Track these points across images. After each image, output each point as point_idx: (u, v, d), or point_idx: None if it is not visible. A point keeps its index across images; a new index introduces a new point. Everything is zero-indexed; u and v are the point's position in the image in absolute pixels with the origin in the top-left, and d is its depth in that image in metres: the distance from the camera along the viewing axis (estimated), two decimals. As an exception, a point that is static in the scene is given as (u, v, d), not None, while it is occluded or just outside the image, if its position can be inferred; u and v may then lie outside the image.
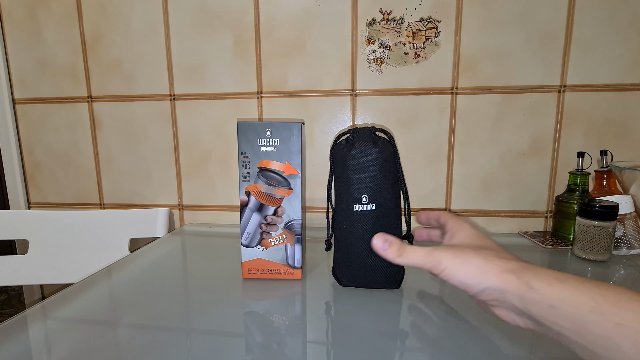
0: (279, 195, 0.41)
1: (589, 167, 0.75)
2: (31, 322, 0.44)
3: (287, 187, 0.41)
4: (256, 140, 0.40)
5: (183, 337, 0.40)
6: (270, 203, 0.41)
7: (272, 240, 0.43)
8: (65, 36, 0.88)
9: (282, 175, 0.40)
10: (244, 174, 0.40)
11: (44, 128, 0.93)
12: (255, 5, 0.81)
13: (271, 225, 0.43)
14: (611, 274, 0.57)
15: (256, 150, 0.40)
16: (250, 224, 0.42)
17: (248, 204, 0.41)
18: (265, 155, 0.40)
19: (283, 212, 0.42)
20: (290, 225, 0.43)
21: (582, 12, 0.73)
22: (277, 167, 0.40)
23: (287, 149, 0.40)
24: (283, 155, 0.40)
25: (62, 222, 0.85)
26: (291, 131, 0.40)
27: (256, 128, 0.40)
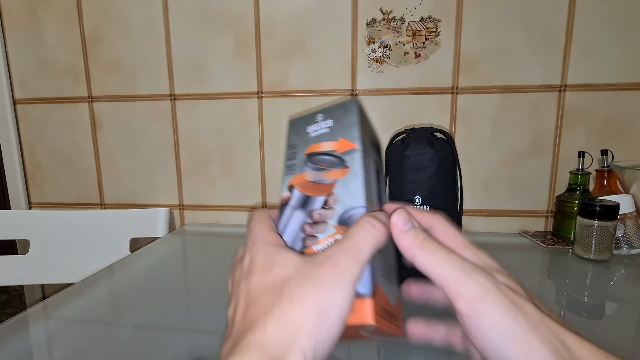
0: (330, 179, 0.29)
1: (589, 166, 0.74)
2: (32, 322, 0.45)
3: (341, 165, 0.29)
4: (305, 128, 0.33)
5: (183, 337, 0.40)
6: (316, 192, 0.29)
7: (317, 247, 0.26)
8: (65, 36, 0.88)
9: (334, 154, 0.30)
10: (289, 167, 0.31)
11: (45, 128, 0.93)
12: (255, 5, 0.81)
13: (317, 225, 0.27)
14: (612, 273, 0.57)
15: (305, 138, 0.32)
16: (290, 227, 0.29)
17: (289, 201, 0.29)
18: (315, 140, 0.32)
19: (335, 201, 0.28)
20: (347, 219, 0.27)
21: (582, 12, 0.73)
22: (329, 147, 0.31)
23: (341, 125, 0.31)
24: (336, 133, 0.31)
25: (62, 222, 0.85)
26: (346, 107, 0.32)
27: (308, 117, 0.34)
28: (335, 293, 0.20)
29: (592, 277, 0.56)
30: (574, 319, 0.44)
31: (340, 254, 0.21)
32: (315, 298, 0.19)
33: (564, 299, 0.50)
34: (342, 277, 0.20)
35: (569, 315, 0.45)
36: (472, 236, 0.76)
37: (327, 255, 0.22)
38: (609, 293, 0.51)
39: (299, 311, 0.19)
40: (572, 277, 0.56)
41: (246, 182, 0.88)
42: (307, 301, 0.19)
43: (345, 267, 0.21)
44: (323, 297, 0.19)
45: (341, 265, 0.21)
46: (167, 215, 0.86)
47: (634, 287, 0.53)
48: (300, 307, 0.19)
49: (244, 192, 0.89)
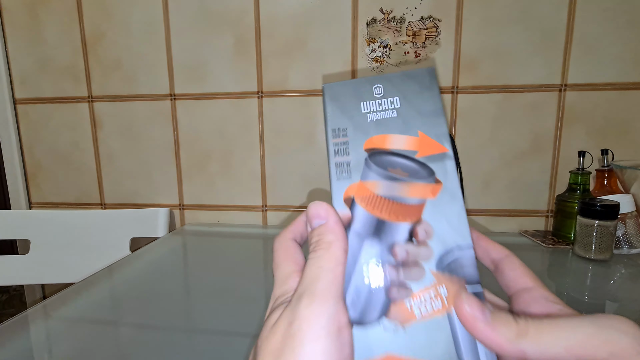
0: (415, 198, 0.20)
1: (589, 166, 0.74)
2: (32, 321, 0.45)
3: (429, 178, 0.20)
4: (358, 105, 0.22)
5: (184, 337, 0.40)
6: (396, 215, 0.20)
7: (414, 305, 0.18)
8: (65, 36, 0.88)
9: (414, 158, 0.20)
10: (340, 167, 0.21)
11: (45, 128, 0.93)
12: (255, 5, 0.81)
13: (407, 268, 0.19)
14: (612, 273, 0.57)
15: (359, 122, 0.21)
16: (362, 267, 0.20)
17: (352, 224, 0.20)
18: (378, 127, 0.21)
19: (428, 234, 0.19)
20: (450, 265, 0.19)
21: (583, 11, 0.72)
22: (403, 144, 0.21)
23: (417, 110, 0.21)
24: (410, 123, 0.21)
25: (63, 222, 0.85)
26: (421, 80, 0.22)
27: (358, 86, 0.22)
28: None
29: (592, 277, 0.56)
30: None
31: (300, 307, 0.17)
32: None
33: (564, 299, 0.50)
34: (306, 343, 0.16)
35: (569, 315, 0.45)
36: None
37: (289, 317, 0.17)
38: (609, 293, 0.51)
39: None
40: (572, 277, 0.56)
41: (246, 182, 0.88)
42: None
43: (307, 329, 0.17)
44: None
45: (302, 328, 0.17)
46: (167, 215, 0.86)
47: (634, 286, 0.53)
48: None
49: (244, 192, 0.89)
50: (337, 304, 0.17)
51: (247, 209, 0.89)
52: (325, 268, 0.18)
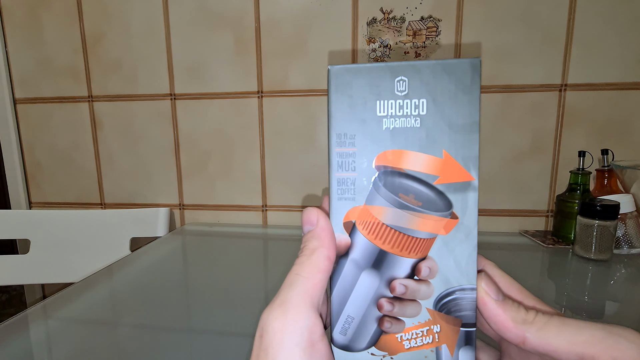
0: (425, 231, 0.18)
1: (590, 166, 0.74)
2: (32, 321, 0.45)
3: (445, 211, 0.18)
4: (373, 105, 0.18)
5: (184, 337, 0.40)
6: (400, 248, 0.18)
7: (405, 338, 0.18)
8: (65, 36, 0.88)
9: (432, 184, 0.18)
10: (342, 184, 0.18)
11: (45, 128, 0.93)
12: (255, 5, 0.81)
13: (403, 304, 0.18)
14: (612, 273, 0.57)
15: (372, 128, 0.18)
16: (356, 298, 0.18)
17: (350, 252, 0.18)
18: (394, 139, 0.18)
19: (432, 272, 0.18)
20: (449, 304, 0.18)
21: (583, 11, 0.72)
22: (422, 165, 0.18)
23: (447, 122, 0.17)
24: (436, 138, 0.17)
25: (63, 222, 0.85)
26: (460, 77, 0.17)
27: (376, 76, 0.17)
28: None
29: (592, 277, 0.56)
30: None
31: (270, 319, 0.17)
32: None
33: (564, 299, 0.50)
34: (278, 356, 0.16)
35: (569, 315, 0.45)
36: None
37: (260, 330, 0.17)
38: (609, 293, 0.51)
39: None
40: (572, 277, 0.56)
41: (246, 182, 0.88)
42: None
43: (279, 341, 0.16)
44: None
45: (273, 341, 0.16)
46: (167, 215, 0.86)
47: (634, 287, 0.53)
48: None
49: (244, 191, 0.89)
50: (311, 317, 0.17)
51: (247, 209, 0.89)
52: (302, 276, 0.17)
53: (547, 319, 0.16)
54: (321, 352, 0.17)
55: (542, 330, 0.16)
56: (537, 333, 0.16)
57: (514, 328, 0.16)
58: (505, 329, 0.17)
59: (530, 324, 0.16)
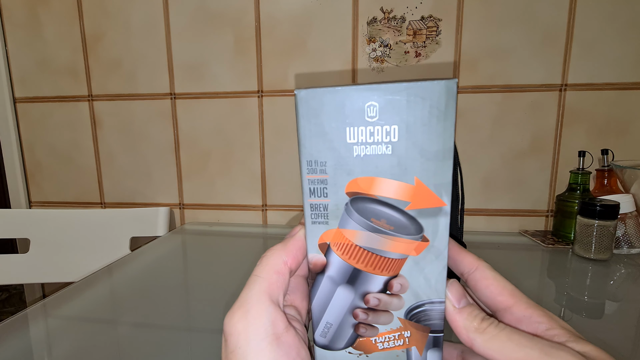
0: (396, 252, 0.19)
1: (590, 166, 0.74)
2: (32, 320, 0.45)
3: (416, 235, 0.18)
4: (343, 131, 0.17)
5: (183, 336, 0.40)
6: (373, 268, 0.19)
7: (379, 341, 0.20)
8: (65, 35, 0.88)
9: (403, 210, 0.18)
10: (315, 210, 0.18)
11: (45, 127, 0.93)
12: (255, 4, 0.81)
13: (377, 313, 0.20)
14: (612, 273, 0.57)
15: (343, 155, 0.18)
16: (333, 308, 0.20)
17: (326, 269, 0.19)
18: (365, 166, 0.17)
19: (403, 288, 0.19)
20: (418, 315, 0.19)
21: (583, 11, 0.72)
22: (394, 192, 0.18)
23: (419, 150, 0.17)
24: (407, 165, 0.17)
25: (63, 221, 0.85)
26: (434, 103, 0.16)
27: (346, 100, 0.17)
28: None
29: (592, 277, 0.56)
30: (574, 319, 0.44)
31: (233, 321, 0.18)
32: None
33: (564, 299, 0.50)
34: (247, 354, 0.17)
35: (569, 315, 0.45)
36: (473, 236, 0.76)
37: (225, 333, 0.18)
38: (609, 292, 0.51)
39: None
40: (572, 277, 0.56)
41: (246, 181, 0.88)
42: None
43: (244, 340, 0.17)
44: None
45: (239, 342, 0.17)
46: (167, 214, 0.86)
47: (634, 286, 0.53)
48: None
49: (244, 191, 0.89)
50: (271, 312, 0.17)
51: (247, 209, 0.89)
52: (260, 276, 0.19)
53: (498, 331, 0.17)
54: (288, 343, 0.17)
55: (488, 341, 0.17)
56: (483, 342, 0.17)
57: (464, 334, 0.18)
58: (458, 334, 0.18)
59: (480, 333, 0.18)
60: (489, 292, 0.19)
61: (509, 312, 0.19)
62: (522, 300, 0.19)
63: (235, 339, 0.17)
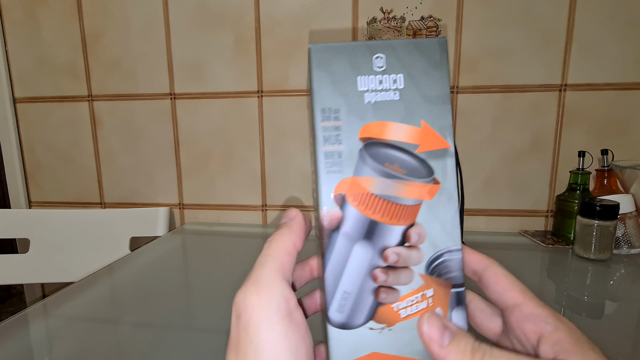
0: (411, 198, 0.18)
1: (589, 166, 0.74)
2: (32, 320, 0.45)
3: (428, 177, 0.18)
4: (354, 80, 0.18)
5: (183, 336, 0.40)
6: (390, 217, 0.18)
7: (401, 307, 0.18)
8: (65, 35, 0.88)
9: (414, 153, 0.18)
10: (330, 157, 0.18)
11: (45, 127, 0.93)
12: (255, 4, 0.81)
13: (397, 272, 0.18)
14: (612, 273, 0.57)
15: (355, 102, 0.18)
16: (350, 271, 0.18)
17: (341, 225, 0.18)
18: (376, 112, 0.18)
19: (421, 238, 0.18)
20: (439, 267, 0.19)
21: (583, 11, 0.72)
22: (404, 135, 0.18)
23: (423, 95, 0.18)
24: (414, 110, 0.18)
25: (62, 221, 0.85)
26: (430, 54, 0.19)
27: (354, 53, 0.18)
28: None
29: (592, 277, 0.56)
30: (573, 319, 0.44)
31: (247, 298, 0.18)
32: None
33: (563, 299, 0.50)
34: (260, 331, 0.17)
35: (569, 315, 0.45)
36: (473, 236, 0.76)
37: (237, 310, 0.18)
38: (608, 292, 0.51)
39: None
40: (572, 277, 0.56)
41: (246, 181, 0.88)
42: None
43: (257, 317, 0.17)
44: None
45: (252, 318, 0.17)
46: (167, 214, 0.86)
47: (634, 286, 0.53)
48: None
49: (244, 191, 0.89)
50: (283, 290, 0.18)
51: (247, 209, 0.89)
52: (271, 255, 0.19)
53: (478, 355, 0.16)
54: (297, 321, 0.18)
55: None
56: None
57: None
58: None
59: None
60: (500, 288, 0.19)
61: (517, 309, 0.19)
62: (532, 299, 0.19)
63: (249, 314, 0.17)
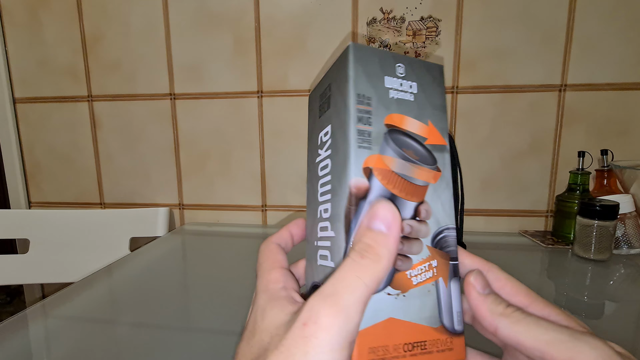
0: (421, 180, 0.22)
1: (589, 166, 0.74)
2: (32, 320, 0.45)
3: (433, 165, 0.22)
4: (382, 78, 0.22)
5: (183, 336, 0.40)
6: (407, 194, 0.21)
7: (413, 274, 0.21)
8: (65, 36, 0.88)
9: (423, 144, 0.22)
10: (362, 135, 0.21)
11: (45, 127, 0.93)
12: (255, 5, 0.81)
13: (410, 242, 0.21)
14: (611, 273, 0.57)
15: (382, 94, 0.22)
16: None
17: (368, 195, 0.21)
18: (398, 106, 0.22)
19: (428, 214, 0.22)
20: (440, 241, 0.22)
21: (583, 11, 0.72)
22: (417, 128, 0.22)
23: (428, 101, 0.23)
24: (423, 111, 0.23)
25: (62, 222, 0.85)
26: (434, 74, 0.23)
27: (383, 58, 0.22)
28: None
29: (591, 277, 0.56)
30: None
31: (322, 313, 0.16)
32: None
33: (563, 299, 0.50)
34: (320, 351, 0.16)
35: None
36: (472, 236, 0.76)
37: (304, 318, 0.16)
38: (608, 293, 0.51)
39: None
40: (571, 277, 0.56)
41: (246, 182, 0.88)
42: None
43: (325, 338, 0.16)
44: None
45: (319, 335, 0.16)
46: (166, 215, 0.86)
47: (633, 286, 0.53)
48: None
49: (243, 191, 0.89)
50: (358, 322, 0.17)
51: (246, 209, 0.89)
52: (364, 282, 0.17)
53: (522, 317, 0.18)
54: (353, 350, 0.17)
55: (514, 324, 0.18)
56: (508, 326, 0.18)
57: (489, 317, 0.19)
58: (482, 318, 0.19)
59: (505, 317, 0.18)
60: (504, 292, 0.20)
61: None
62: (538, 300, 0.20)
63: (317, 330, 0.16)
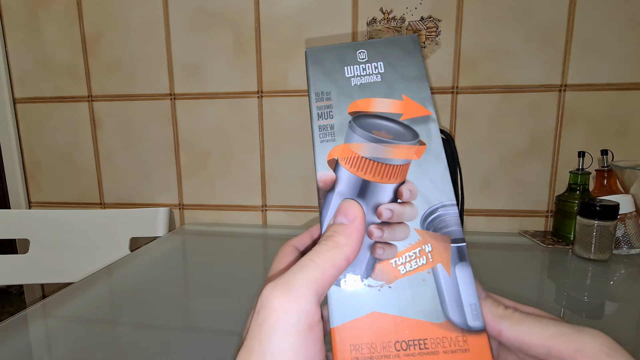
0: (399, 159, 0.20)
1: (589, 166, 0.74)
2: (32, 321, 0.45)
3: (413, 140, 0.20)
4: (342, 70, 0.22)
5: (183, 336, 0.40)
6: (380, 176, 0.20)
7: (400, 263, 0.19)
8: (65, 36, 0.88)
9: (398, 120, 0.21)
10: (323, 130, 0.21)
11: (45, 127, 0.93)
12: (255, 5, 0.81)
13: (392, 227, 0.19)
14: (611, 273, 0.57)
15: (342, 85, 0.22)
16: None
17: (336, 186, 0.20)
18: (362, 91, 0.21)
19: (413, 194, 0.19)
20: (434, 222, 0.19)
21: (583, 11, 0.72)
22: (387, 107, 0.21)
23: (400, 75, 0.21)
24: (395, 87, 0.21)
25: (62, 221, 0.85)
26: (404, 46, 0.22)
27: (342, 51, 0.22)
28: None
29: (591, 277, 0.56)
30: (573, 319, 0.44)
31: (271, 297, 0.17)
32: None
33: (563, 299, 0.50)
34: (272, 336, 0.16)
35: (569, 315, 0.45)
36: (472, 236, 0.76)
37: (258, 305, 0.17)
38: (608, 293, 0.51)
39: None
40: (572, 277, 0.56)
41: (246, 182, 0.88)
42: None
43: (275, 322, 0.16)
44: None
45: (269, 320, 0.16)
46: (166, 215, 0.86)
47: (634, 286, 0.53)
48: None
49: (243, 191, 0.89)
50: (312, 303, 0.16)
51: (246, 209, 0.89)
52: (316, 263, 0.17)
53: (522, 317, 0.18)
54: (315, 336, 0.17)
55: (516, 325, 0.18)
56: (511, 327, 0.18)
57: (491, 321, 0.18)
58: (484, 322, 0.18)
59: (506, 319, 0.18)
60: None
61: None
62: (511, 301, 0.20)
63: (267, 314, 0.16)
